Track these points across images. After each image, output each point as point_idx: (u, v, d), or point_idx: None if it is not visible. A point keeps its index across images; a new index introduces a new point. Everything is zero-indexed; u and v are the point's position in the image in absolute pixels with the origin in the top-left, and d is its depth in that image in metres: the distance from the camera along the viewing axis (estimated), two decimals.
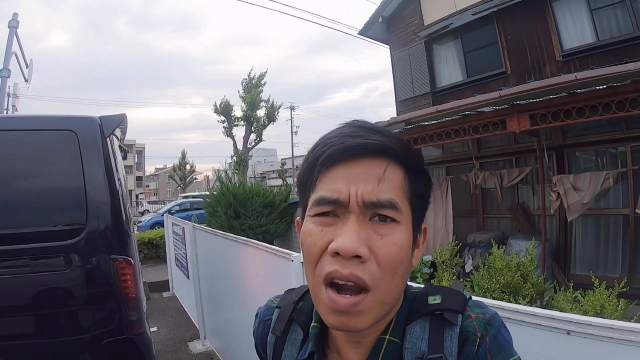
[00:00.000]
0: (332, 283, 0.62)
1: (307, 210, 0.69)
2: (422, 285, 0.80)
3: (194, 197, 24.05)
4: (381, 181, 0.64)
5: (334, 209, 0.65)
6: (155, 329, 5.71)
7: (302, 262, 0.66)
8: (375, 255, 0.62)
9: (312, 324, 0.76)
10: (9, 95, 10.18)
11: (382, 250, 0.63)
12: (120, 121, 3.28)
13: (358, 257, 0.61)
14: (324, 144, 0.68)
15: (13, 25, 9.47)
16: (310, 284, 0.67)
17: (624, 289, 3.87)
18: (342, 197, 0.64)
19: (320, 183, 0.67)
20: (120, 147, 3.61)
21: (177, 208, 21.20)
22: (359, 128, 0.69)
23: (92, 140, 2.97)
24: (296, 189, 0.78)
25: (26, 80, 10.51)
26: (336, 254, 0.61)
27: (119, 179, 3.09)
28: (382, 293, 0.63)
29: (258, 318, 0.90)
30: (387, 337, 0.69)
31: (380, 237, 0.63)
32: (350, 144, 0.65)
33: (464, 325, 0.68)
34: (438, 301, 0.71)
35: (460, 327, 0.67)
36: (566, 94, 5.10)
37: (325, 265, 0.63)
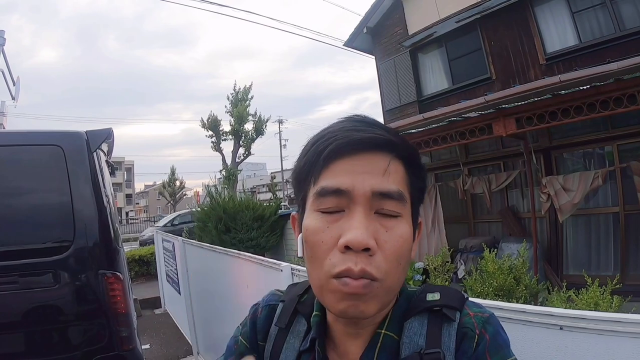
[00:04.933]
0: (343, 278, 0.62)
1: (308, 203, 0.69)
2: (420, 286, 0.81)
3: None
4: (387, 173, 0.66)
5: (338, 201, 0.65)
6: (147, 346, 5.63)
7: (300, 257, 0.65)
8: (381, 248, 0.63)
9: (314, 313, 0.76)
10: None
11: (389, 243, 0.64)
12: (106, 136, 3.26)
13: (367, 249, 0.61)
14: (326, 137, 0.68)
15: (0, 42, 9.40)
16: (315, 279, 0.67)
17: (617, 286, 3.89)
18: (345, 186, 0.64)
19: (323, 176, 0.66)
20: (107, 162, 3.59)
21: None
22: (360, 122, 0.70)
23: (79, 155, 2.95)
24: (288, 193, 0.78)
25: (13, 98, 10.41)
26: (346, 248, 0.61)
27: (106, 194, 3.07)
28: (388, 282, 0.64)
29: (262, 302, 0.89)
30: (383, 331, 0.70)
31: (386, 230, 0.64)
32: (356, 138, 0.66)
33: (462, 322, 0.68)
34: (437, 298, 0.72)
35: (459, 324, 0.68)
36: (550, 96, 5.15)
37: (336, 263, 0.62)
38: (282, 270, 2.39)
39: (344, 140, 0.65)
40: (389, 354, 0.68)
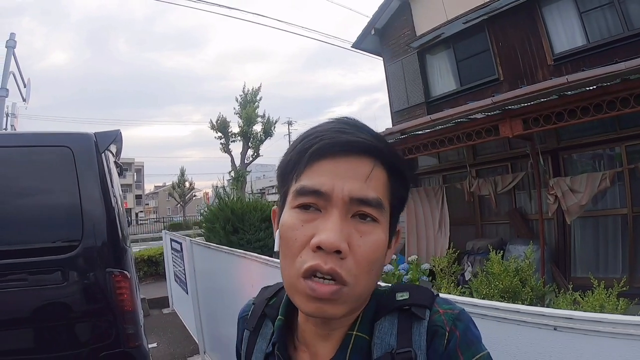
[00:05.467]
0: (312, 276, 0.63)
1: (288, 199, 0.69)
2: (390, 285, 0.81)
3: None
4: (368, 179, 0.66)
5: (316, 202, 0.65)
6: (155, 345, 5.68)
7: (276, 252, 0.68)
8: (353, 253, 0.63)
9: (278, 317, 0.77)
10: (7, 115, 10.22)
11: (361, 249, 0.64)
12: (114, 137, 3.31)
13: (338, 252, 0.62)
14: (314, 136, 0.68)
15: (11, 45, 9.54)
16: (286, 277, 0.67)
17: (624, 289, 3.86)
18: (325, 188, 0.64)
19: (305, 174, 0.67)
20: (115, 163, 3.64)
21: None
22: (349, 125, 0.70)
23: (88, 156, 3.00)
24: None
25: (24, 100, 10.54)
26: (318, 248, 0.62)
27: (114, 194, 3.11)
28: (358, 288, 0.65)
29: (238, 316, 0.91)
30: (355, 332, 0.70)
31: (360, 235, 0.64)
32: (342, 140, 0.66)
33: (432, 320, 0.68)
34: (406, 297, 0.72)
35: (429, 322, 0.68)
36: (557, 97, 5.13)
37: (306, 260, 0.63)
38: None
39: (330, 141, 0.66)
40: (361, 356, 0.69)
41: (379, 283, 0.79)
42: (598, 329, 1.13)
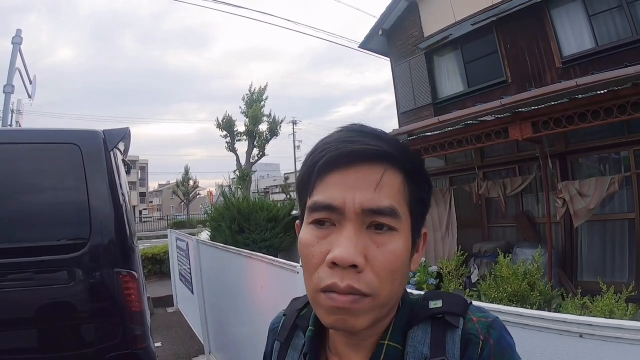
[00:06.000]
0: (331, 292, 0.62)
1: (305, 215, 0.69)
2: (423, 292, 0.80)
3: None
4: (378, 187, 0.64)
5: (329, 216, 0.64)
6: (159, 344, 5.67)
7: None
8: (371, 265, 0.62)
9: (309, 327, 0.76)
10: (12, 111, 10.22)
11: (379, 260, 0.62)
12: (123, 135, 3.28)
13: (354, 266, 0.61)
14: (321, 149, 0.67)
15: (17, 41, 9.53)
16: (308, 290, 0.67)
17: (632, 293, 3.84)
18: (336, 202, 0.63)
19: (316, 189, 0.66)
20: (123, 161, 3.62)
21: None
22: (356, 132, 0.69)
23: (96, 154, 2.97)
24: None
25: (29, 97, 10.53)
26: (333, 264, 0.61)
27: (122, 192, 3.09)
28: (380, 299, 0.63)
29: (269, 328, 0.91)
30: (386, 342, 0.69)
31: (377, 246, 0.63)
32: (347, 150, 0.64)
33: (466, 328, 0.67)
34: (439, 305, 0.70)
35: (462, 330, 0.67)
36: (567, 100, 5.10)
37: (324, 277, 0.62)
38: (298, 273, 2.37)
39: (336, 153, 0.65)
40: None
41: (411, 291, 0.78)
42: (626, 337, 1.11)
